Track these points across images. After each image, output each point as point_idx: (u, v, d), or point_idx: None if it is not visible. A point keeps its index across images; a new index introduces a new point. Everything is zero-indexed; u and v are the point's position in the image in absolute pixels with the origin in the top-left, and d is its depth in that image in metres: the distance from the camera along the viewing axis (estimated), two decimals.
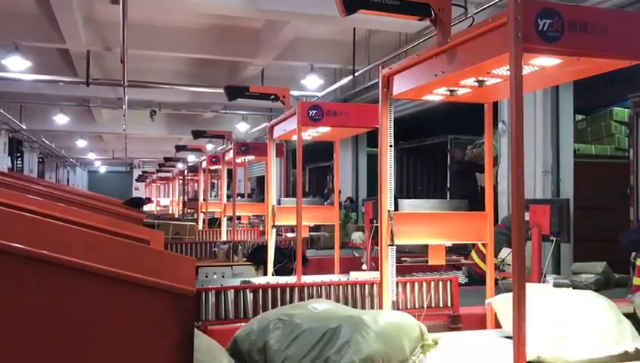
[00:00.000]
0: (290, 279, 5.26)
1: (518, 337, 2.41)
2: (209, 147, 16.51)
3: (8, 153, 18.53)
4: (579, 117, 9.66)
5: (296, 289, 4.60)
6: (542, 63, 2.75)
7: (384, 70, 3.60)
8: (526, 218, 4.20)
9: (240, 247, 8.30)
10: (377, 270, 3.75)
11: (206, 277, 7.19)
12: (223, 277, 7.19)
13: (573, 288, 4.20)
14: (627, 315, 3.38)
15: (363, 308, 4.67)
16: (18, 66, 10.06)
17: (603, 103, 9.64)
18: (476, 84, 3.14)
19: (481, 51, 2.74)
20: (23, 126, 17.14)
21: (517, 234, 2.51)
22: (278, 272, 6.10)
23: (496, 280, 4.00)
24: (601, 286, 5.54)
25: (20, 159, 21.33)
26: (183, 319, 1.74)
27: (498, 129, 7.57)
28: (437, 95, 3.50)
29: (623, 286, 5.76)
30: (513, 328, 2.44)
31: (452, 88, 3.34)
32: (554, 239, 4.39)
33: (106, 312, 1.64)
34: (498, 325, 3.80)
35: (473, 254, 6.37)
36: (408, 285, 4.71)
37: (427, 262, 3.90)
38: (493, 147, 3.93)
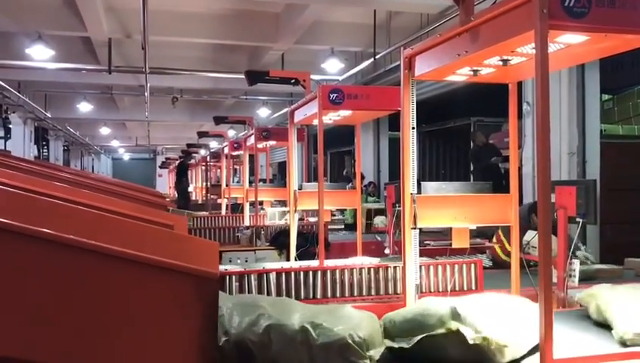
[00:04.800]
0: (313, 263, 5.27)
1: (545, 326, 2.37)
2: (231, 133, 16.58)
3: (34, 142, 18.82)
4: (606, 97, 9.46)
5: (319, 272, 4.62)
6: (568, 40, 2.67)
7: (406, 51, 3.55)
8: (552, 199, 4.13)
9: (262, 232, 8.35)
10: (400, 254, 3.73)
11: (230, 261, 7.26)
12: (247, 261, 7.25)
13: None
14: None
15: (386, 292, 4.69)
16: (42, 55, 10.18)
17: (630, 82, 9.42)
18: (501, 63, 3.07)
19: (505, 28, 2.68)
20: (48, 115, 17.40)
21: (544, 216, 2.46)
22: (300, 257, 6.12)
23: (522, 262, 3.94)
24: None
25: (45, 147, 21.63)
26: (207, 302, 1.75)
27: (523, 111, 7.46)
28: (460, 76, 3.43)
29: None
30: (540, 317, 2.39)
31: (475, 68, 3.28)
32: (581, 221, 4.30)
33: (132, 295, 1.66)
34: None
35: (495, 245, 6.31)
36: (431, 268, 4.69)
37: (450, 245, 3.87)
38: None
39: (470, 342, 2.62)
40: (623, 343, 2.80)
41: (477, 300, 3.08)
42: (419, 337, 2.74)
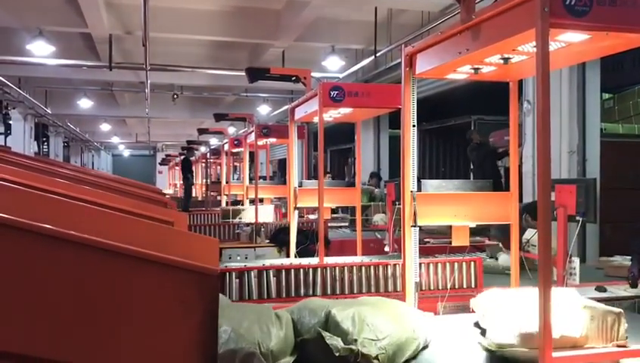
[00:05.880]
0: (313, 260, 5.28)
1: (544, 325, 2.37)
2: (231, 130, 16.56)
3: (34, 138, 18.82)
4: (606, 96, 9.46)
5: (319, 270, 4.62)
6: (569, 38, 2.67)
7: (407, 49, 3.56)
8: (552, 198, 4.14)
9: (262, 229, 8.36)
10: (400, 252, 3.74)
11: (230, 258, 7.27)
12: (247, 258, 7.26)
13: None
14: None
15: (386, 290, 4.69)
16: (42, 51, 10.18)
17: (631, 81, 9.42)
18: (502, 61, 3.07)
19: (506, 27, 2.68)
20: (49, 111, 17.39)
21: (543, 215, 2.47)
22: (300, 254, 6.14)
23: (521, 260, 3.95)
24: None
25: (45, 143, 21.63)
26: (207, 298, 1.75)
27: (523, 109, 7.45)
28: (461, 74, 3.44)
29: None
30: (539, 315, 2.38)
31: (476, 66, 3.28)
32: (580, 219, 4.31)
33: (131, 292, 1.66)
34: None
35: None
36: (431, 266, 4.70)
37: (450, 243, 3.88)
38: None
39: (336, 353, 2.51)
40: (488, 352, 2.76)
41: (363, 304, 2.93)
42: (298, 340, 2.66)
